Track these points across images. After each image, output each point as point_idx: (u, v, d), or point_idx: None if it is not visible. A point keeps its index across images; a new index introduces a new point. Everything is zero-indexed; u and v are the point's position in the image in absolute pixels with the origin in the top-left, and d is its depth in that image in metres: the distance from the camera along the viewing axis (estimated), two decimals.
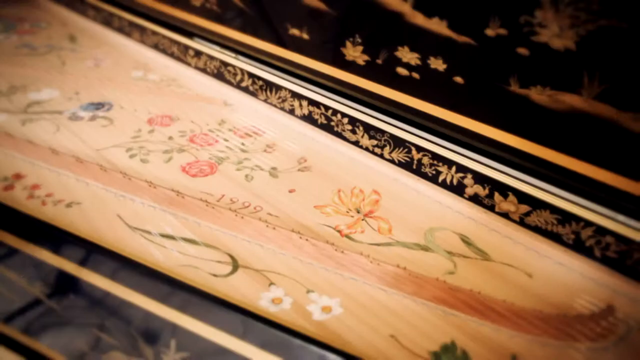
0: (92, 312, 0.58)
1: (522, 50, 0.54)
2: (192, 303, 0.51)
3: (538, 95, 0.56)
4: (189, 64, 1.05)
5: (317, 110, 0.84)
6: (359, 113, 0.79)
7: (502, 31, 0.55)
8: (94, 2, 1.26)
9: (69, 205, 0.63)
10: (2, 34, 1.14)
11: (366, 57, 0.73)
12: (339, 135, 0.83)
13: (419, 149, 0.73)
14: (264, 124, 0.87)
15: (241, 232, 0.61)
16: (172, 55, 1.09)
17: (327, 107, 0.82)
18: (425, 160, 0.73)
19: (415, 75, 0.68)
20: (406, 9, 0.62)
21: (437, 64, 0.64)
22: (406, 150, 0.75)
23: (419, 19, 0.62)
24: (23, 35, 1.15)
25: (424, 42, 0.64)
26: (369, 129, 0.78)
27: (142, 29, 1.14)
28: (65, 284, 0.58)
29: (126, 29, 1.19)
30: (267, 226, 0.62)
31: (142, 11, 1.14)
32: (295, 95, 0.87)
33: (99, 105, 0.89)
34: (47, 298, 0.59)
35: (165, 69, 1.06)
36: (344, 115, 0.80)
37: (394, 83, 0.72)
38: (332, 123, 0.83)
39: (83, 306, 0.59)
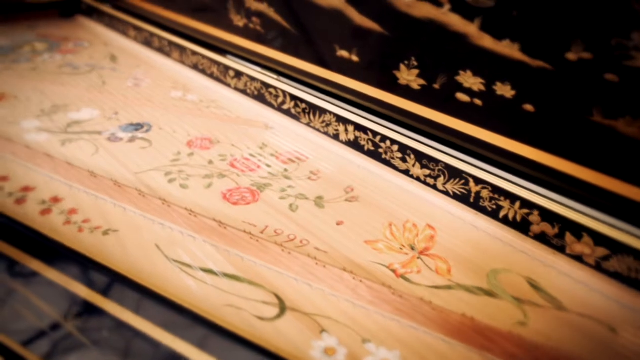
0: (119, 348, 0.53)
1: (611, 77, 0.48)
2: (237, 351, 0.46)
3: (627, 127, 0.50)
4: (228, 85, 1.03)
5: (364, 136, 0.79)
6: (411, 140, 0.74)
7: (587, 55, 0.49)
8: (135, 22, 1.26)
9: (105, 232, 0.60)
10: (47, 53, 1.15)
11: (422, 82, 0.68)
12: (387, 163, 0.77)
13: (478, 181, 0.67)
14: (307, 149, 0.83)
15: (288, 268, 0.56)
16: (211, 75, 1.07)
17: (375, 133, 0.78)
18: (485, 193, 0.67)
19: (478, 101, 0.63)
20: (472, 31, 0.57)
21: (505, 90, 0.58)
22: (463, 181, 0.69)
23: (486, 41, 0.57)
24: (66, 55, 1.15)
25: (490, 66, 0.59)
26: (421, 157, 0.73)
27: (182, 49, 1.13)
28: (97, 319, 0.54)
29: (166, 49, 1.19)
30: (317, 264, 0.57)
31: (182, 31, 1.13)
32: (341, 119, 0.82)
33: (138, 126, 0.87)
34: (77, 331, 0.55)
35: (204, 90, 1.04)
36: (393, 142, 0.75)
37: (451, 109, 0.67)
38: (380, 150, 0.78)
39: (110, 340, 0.54)
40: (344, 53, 0.76)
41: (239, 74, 1.00)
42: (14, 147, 0.75)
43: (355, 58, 0.75)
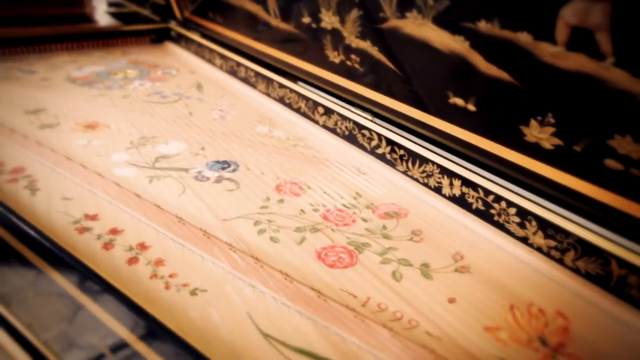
0: None
1: None
2: None
3: None
4: (316, 122, 0.98)
5: (472, 193, 0.70)
6: (533, 205, 0.63)
7: None
8: (221, 50, 1.25)
9: (193, 292, 0.55)
10: (137, 80, 1.16)
11: (557, 141, 0.58)
12: (500, 226, 0.68)
13: (623, 263, 0.56)
14: (405, 202, 0.75)
15: (398, 359, 0.48)
16: (298, 110, 1.02)
17: (487, 191, 0.68)
18: (633, 279, 0.55)
19: (635, 171, 0.52)
20: None
21: None
22: (602, 261, 0.57)
23: None
24: (155, 82, 1.16)
25: None
26: (545, 225, 0.62)
27: (269, 81, 1.10)
28: None
29: (252, 80, 1.16)
30: (435, 358, 0.48)
31: (270, 63, 1.10)
32: (445, 171, 0.74)
33: (224, 165, 0.83)
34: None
35: (291, 125, 0.99)
36: (510, 203, 0.66)
37: (593, 176, 0.56)
38: (492, 211, 0.68)
39: None
40: (458, 100, 0.68)
41: (329, 111, 0.94)
42: (104, 183, 0.73)
43: (471, 107, 0.66)
